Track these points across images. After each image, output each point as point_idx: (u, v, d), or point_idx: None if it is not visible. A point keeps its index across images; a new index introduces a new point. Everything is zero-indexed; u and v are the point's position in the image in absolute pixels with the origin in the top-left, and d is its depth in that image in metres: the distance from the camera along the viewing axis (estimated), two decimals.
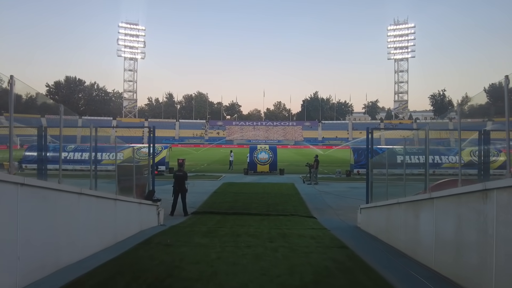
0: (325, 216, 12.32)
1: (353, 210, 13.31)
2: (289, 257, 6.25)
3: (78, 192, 5.72)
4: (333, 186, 20.39)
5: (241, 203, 14.31)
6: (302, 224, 10.34)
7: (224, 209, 12.84)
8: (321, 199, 15.81)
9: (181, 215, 12.14)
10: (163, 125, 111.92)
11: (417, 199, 6.27)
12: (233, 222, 10.46)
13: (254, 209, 13.03)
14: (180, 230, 9.12)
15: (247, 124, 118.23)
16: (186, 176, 12.44)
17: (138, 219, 8.86)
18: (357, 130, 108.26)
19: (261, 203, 14.36)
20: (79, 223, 5.78)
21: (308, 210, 13.19)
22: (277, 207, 13.42)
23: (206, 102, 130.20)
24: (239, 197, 15.67)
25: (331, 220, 11.56)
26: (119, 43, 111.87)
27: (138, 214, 8.89)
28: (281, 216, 11.79)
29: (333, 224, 10.84)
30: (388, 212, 7.95)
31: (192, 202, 14.57)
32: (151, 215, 9.83)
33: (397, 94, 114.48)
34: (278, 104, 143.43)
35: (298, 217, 11.71)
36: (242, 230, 8.89)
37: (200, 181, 22.26)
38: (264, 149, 27.65)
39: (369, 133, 10.94)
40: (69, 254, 5.50)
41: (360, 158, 26.43)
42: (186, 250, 6.73)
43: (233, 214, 11.93)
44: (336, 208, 13.79)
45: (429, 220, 5.72)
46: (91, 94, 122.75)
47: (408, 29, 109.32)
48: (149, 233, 8.52)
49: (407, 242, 6.67)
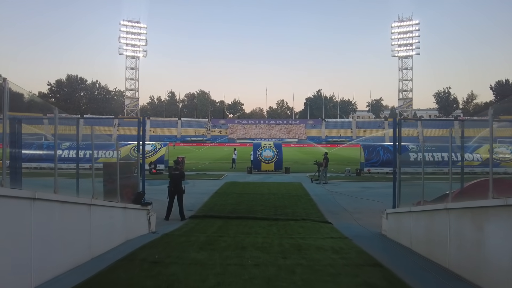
0: (341, 221, 10.80)
1: (371, 214, 11.81)
2: (312, 283, 4.76)
3: (30, 197, 4.24)
4: (344, 186, 18.85)
5: (245, 205, 12.83)
6: (318, 232, 8.83)
7: (226, 212, 11.37)
8: (334, 201, 14.29)
9: (177, 219, 10.67)
10: (165, 123, 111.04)
11: (480, 205, 4.74)
12: (236, 229, 8.97)
13: (259, 212, 11.55)
14: (174, 239, 7.64)
15: (249, 122, 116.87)
16: (183, 176, 10.97)
17: (123, 227, 7.38)
18: (361, 128, 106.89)
19: (267, 205, 12.87)
20: (31, 237, 4.30)
21: (321, 213, 11.68)
22: (286, 210, 11.92)
23: (208, 100, 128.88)
24: (243, 198, 14.19)
25: (349, 226, 10.04)
26: (121, 41, 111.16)
27: (123, 221, 7.41)
28: (292, 221, 10.28)
29: (353, 231, 9.33)
30: (429, 219, 6.42)
31: (191, 204, 13.10)
32: (140, 221, 8.36)
33: (401, 92, 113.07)
34: (281, 103, 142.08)
35: (311, 222, 10.20)
36: (248, 241, 7.40)
37: (201, 180, 20.80)
38: (269, 147, 26.14)
39: (398, 125, 9.23)
40: (15, 282, 4.03)
41: (371, 155, 24.88)
42: (177, 270, 5.25)
43: (236, 219, 10.44)
44: (352, 211, 12.27)
45: (502, 235, 4.21)
46: (92, 93, 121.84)
47: (413, 26, 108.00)
48: (135, 244, 7.05)
49: (463, 261, 5.14)
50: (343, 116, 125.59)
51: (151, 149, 25.61)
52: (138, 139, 9.01)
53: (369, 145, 26.60)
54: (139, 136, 9.01)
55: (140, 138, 8.97)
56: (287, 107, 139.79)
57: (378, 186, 19.13)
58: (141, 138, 9.02)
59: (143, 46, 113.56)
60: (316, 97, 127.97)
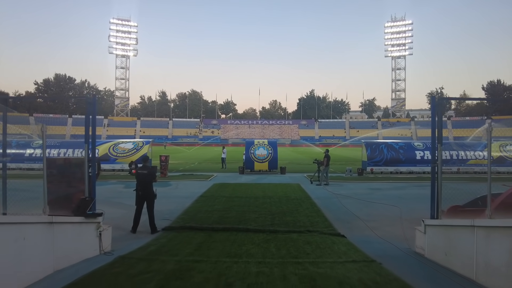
0: (356, 232, 8.51)
1: (389, 222, 9.61)
2: None
3: None
4: (348, 187, 16.61)
5: (235, 212, 10.49)
6: (332, 251, 6.53)
7: (211, 223, 9.02)
8: (340, 205, 12.02)
9: (147, 231, 8.32)
10: (156, 124, 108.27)
11: None
12: (221, 248, 6.64)
13: (253, 221, 9.22)
14: (128, 268, 5.27)
15: (242, 122, 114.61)
16: (154, 176, 8.55)
17: (48, 252, 4.99)
18: (354, 129, 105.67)
19: (262, 211, 10.56)
20: None
21: (329, 222, 9.37)
22: (286, 218, 9.60)
23: (200, 100, 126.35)
24: (233, 203, 11.85)
25: (368, 240, 7.76)
26: (111, 39, 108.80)
27: (49, 243, 5.02)
28: (294, 233, 7.98)
29: (376, 247, 7.07)
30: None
31: (169, 211, 10.73)
32: (84, 240, 5.97)
33: (394, 92, 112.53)
34: (274, 103, 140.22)
35: (318, 234, 7.89)
36: (236, 270, 5.08)
37: (186, 182, 18.38)
38: (263, 144, 23.80)
39: (437, 106, 6.80)
40: None
41: (374, 154, 22.70)
42: None
43: (223, 231, 8.11)
44: (365, 218, 10.00)
45: None
46: (81, 92, 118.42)
47: (406, 26, 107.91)
48: (66, 277, 4.69)
49: None
50: (336, 116, 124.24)
51: (132, 147, 23.16)
52: (87, 122, 6.52)
53: (372, 143, 24.42)
54: (87, 120, 6.54)
55: (89, 123, 6.49)
56: (280, 108, 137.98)
57: (387, 187, 16.93)
58: (91, 122, 6.55)
59: (134, 45, 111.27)
60: (309, 97, 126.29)
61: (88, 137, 6.49)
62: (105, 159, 22.00)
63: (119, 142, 24.27)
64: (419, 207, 11.98)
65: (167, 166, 20.63)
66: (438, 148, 6.20)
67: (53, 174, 6.53)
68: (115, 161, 22.56)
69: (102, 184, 17.25)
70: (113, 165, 22.28)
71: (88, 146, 6.43)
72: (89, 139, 6.49)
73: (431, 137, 6.63)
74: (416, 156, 22.91)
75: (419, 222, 6.77)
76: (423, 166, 22.71)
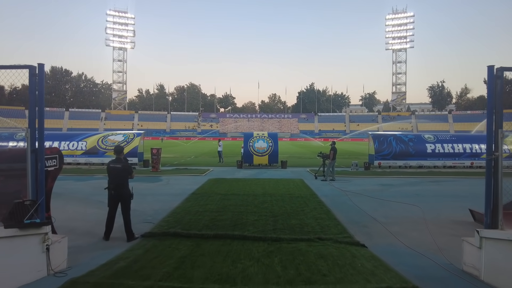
0: (377, 240, 6.97)
1: (413, 225, 8.10)
2: None
3: None
4: (356, 183, 15.08)
5: (231, 213, 8.95)
6: (354, 269, 5.00)
7: (201, 227, 7.48)
8: (352, 204, 10.48)
9: (122, 238, 6.79)
10: (154, 117, 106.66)
11: None
12: (210, 265, 5.11)
13: (251, 225, 7.68)
14: None
15: (241, 116, 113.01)
16: (130, 171, 6.96)
17: None
18: (354, 123, 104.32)
19: (262, 212, 9.02)
20: None
21: (343, 226, 7.82)
22: (290, 221, 8.07)
23: (199, 94, 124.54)
24: (229, 202, 10.30)
25: (395, 251, 6.22)
26: (107, 32, 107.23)
27: None
28: (302, 241, 6.45)
29: (408, 262, 5.54)
30: None
31: (153, 211, 9.21)
32: (22, 259, 4.42)
33: (395, 86, 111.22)
34: (273, 96, 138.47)
35: (332, 244, 6.35)
36: None
37: (178, 176, 16.83)
38: (262, 137, 22.24)
39: (497, 78, 5.12)
40: None
41: (382, 147, 21.13)
42: None
43: (214, 239, 6.58)
44: (384, 221, 8.47)
45: None
46: (78, 86, 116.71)
47: (407, 18, 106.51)
48: None
49: None
50: (336, 110, 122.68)
51: (122, 139, 21.55)
52: (32, 101, 4.92)
53: (380, 135, 22.85)
54: (32, 98, 4.93)
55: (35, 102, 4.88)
56: (279, 101, 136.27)
57: (399, 183, 15.40)
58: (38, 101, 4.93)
59: (131, 37, 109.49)
60: (308, 91, 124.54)
61: (33, 122, 4.88)
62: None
63: (109, 134, 22.66)
64: (441, 206, 10.48)
65: (159, 160, 19.07)
66: (498, 135, 4.63)
67: None
68: (104, 155, 20.96)
69: (86, 179, 15.72)
70: (102, 159, 20.69)
71: (33, 133, 4.83)
72: (35, 125, 4.88)
73: (486, 120, 5.06)
74: (426, 149, 21.35)
75: (447, 225, 5.34)
76: (434, 160, 21.20)
